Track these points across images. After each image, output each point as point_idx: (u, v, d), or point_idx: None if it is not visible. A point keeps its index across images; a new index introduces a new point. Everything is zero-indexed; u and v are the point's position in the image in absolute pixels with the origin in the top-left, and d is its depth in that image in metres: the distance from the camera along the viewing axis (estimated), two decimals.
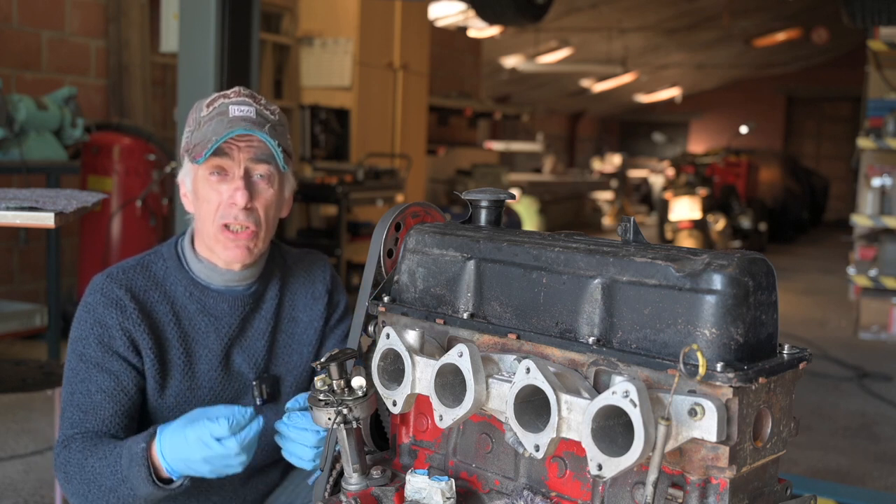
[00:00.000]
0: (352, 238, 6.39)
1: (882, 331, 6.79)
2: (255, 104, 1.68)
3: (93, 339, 1.66)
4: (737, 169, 11.75)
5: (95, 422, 1.64)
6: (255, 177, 1.68)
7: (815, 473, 3.81)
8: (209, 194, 1.67)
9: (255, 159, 1.66)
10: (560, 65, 13.61)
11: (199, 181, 1.68)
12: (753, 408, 0.97)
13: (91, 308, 1.68)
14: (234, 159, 1.65)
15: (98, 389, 1.65)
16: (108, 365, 1.65)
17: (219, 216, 1.66)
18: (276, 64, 7.04)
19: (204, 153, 1.62)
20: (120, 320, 1.66)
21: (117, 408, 1.66)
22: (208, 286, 1.74)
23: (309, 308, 1.86)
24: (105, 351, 1.66)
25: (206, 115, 1.67)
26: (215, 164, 1.65)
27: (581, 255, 1.09)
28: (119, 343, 1.66)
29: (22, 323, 4.84)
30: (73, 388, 1.66)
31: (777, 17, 13.12)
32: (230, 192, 1.65)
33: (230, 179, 1.66)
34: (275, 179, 1.70)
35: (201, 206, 1.69)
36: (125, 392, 1.66)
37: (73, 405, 1.65)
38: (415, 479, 1.16)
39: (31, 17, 5.47)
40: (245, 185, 1.65)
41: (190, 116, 1.72)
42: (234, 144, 1.64)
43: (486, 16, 4.79)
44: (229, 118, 1.64)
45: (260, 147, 1.66)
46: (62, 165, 4.70)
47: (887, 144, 6.47)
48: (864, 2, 3.81)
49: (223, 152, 1.64)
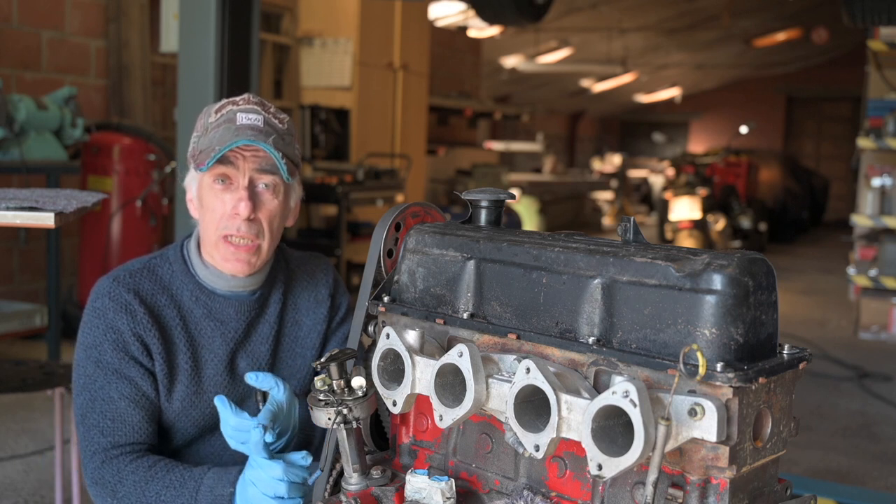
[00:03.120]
0: (352, 238, 6.39)
1: (882, 331, 6.79)
2: (264, 112, 1.67)
3: (108, 346, 1.65)
4: (737, 169, 11.75)
5: (126, 430, 1.64)
6: (260, 187, 1.66)
7: (815, 473, 3.82)
8: (213, 203, 1.66)
9: (259, 169, 1.65)
10: (560, 65, 13.62)
11: (203, 188, 1.68)
12: (753, 408, 0.97)
13: (101, 313, 1.67)
14: (239, 169, 1.64)
15: (120, 396, 1.64)
16: (126, 371, 1.65)
17: (221, 227, 1.66)
18: (276, 64, 7.04)
19: (207, 162, 1.61)
20: (131, 325, 1.66)
21: (143, 414, 1.66)
22: (214, 291, 1.73)
23: (312, 311, 1.86)
24: (122, 357, 1.65)
25: (214, 121, 1.66)
26: (220, 173, 1.64)
27: (581, 255, 1.09)
28: (133, 348, 1.65)
29: (22, 323, 4.84)
30: (93, 395, 1.65)
31: (777, 17, 13.12)
32: (233, 203, 1.64)
33: (234, 189, 1.65)
34: (280, 190, 1.68)
35: (205, 213, 1.68)
36: (146, 397, 1.66)
37: (98, 412, 1.64)
38: (415, 479, 1.16)
39: (31, 17, 5.47)
40: (249, 196, 1.63)
41: (198, 121, 1.71)
42: (240, 154, 1.63)
43: (486, 16, 4.79)
44: (236, 126, 1.63)
45: (265, 157, 1.64)
46: (62, 165, 4.70)
47: (887, 144, 6.47)
48: (864, 2, 3.81)
49: (228, 161, 1.63)
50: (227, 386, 1.74)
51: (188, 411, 1.71)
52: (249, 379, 1.55)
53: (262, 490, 1.46)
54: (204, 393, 1.72)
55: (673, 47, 14.68)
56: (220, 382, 1.73)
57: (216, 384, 1.73)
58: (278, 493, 1.45)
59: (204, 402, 1.72)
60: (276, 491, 1.45)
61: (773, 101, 19.27)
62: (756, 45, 14.70)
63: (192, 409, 1.71)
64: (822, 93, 18.77)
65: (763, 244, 11.39)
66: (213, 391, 1.72)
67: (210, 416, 1.71)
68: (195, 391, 1.71)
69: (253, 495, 1.47)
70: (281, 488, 1.44)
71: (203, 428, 1.74)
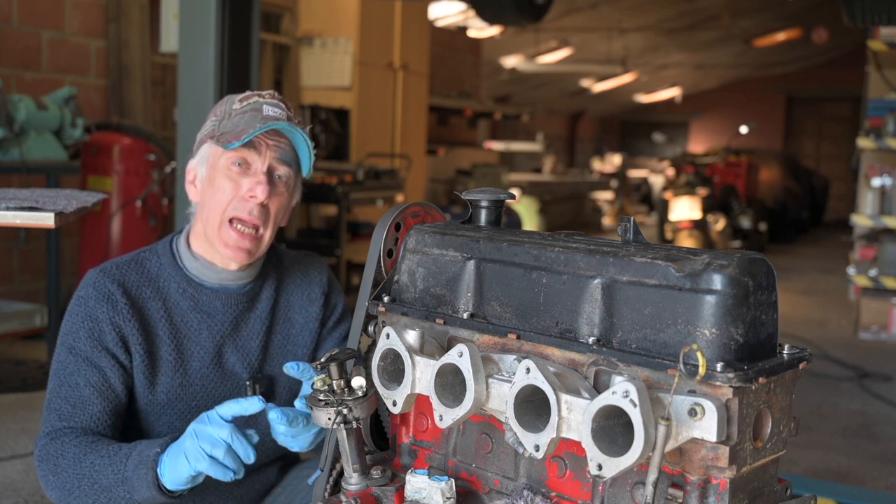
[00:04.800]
0: (352, 238, 6.39)
1: (882, 331, 6.79)
2: (287, 110, 1.72)
3: (83, 333, 1.67)
4: (737, 169, 11.75)
5: (84, 417, 1.64)
6: (276, 176, 1.70)
7: (815, 473, 3.81)
8: (225, 184, 1.68)
9: (280, 159, 1.69)
10: (560, 65, 13.62)
11: (217, 170, 1.69)
12: (753, 408, 0.97)
13: (83, 301, 1.69)
14: (262, 154, 1.67)
15: (86, 383, 1.65)
16: (96, 360, 1.66)
17: (230, 209, 1.68)
18: (276, 64, 7.04)
19: (239, 139, 1.63)
20: (110, 315, 1.67)
21: (105, 405, 1.66)
22: (202, 283, 1.75)
23: (304, 309, 1.86)
24: (95, 345, 1.66)
25: (240, 108, 1.69)
26: (241, 156, 1.67)
27: (581, 255, 1.09)
28: (108, 338, 1.66)
29: (22, 323, 4.84)
30: (62, 381, 1.66)
31: (777, 17, 13.12)
32: (251, 185, 1.67)
33: (252, 174, 1.68)
34: (291, 184, 1.73)
35: (214, 194, 1.69)
36: (112, 389, 1.67)
37: (61, 397, 1.65)
38: (415, 479, 1.16)
39: (31, 17, 5.47)
40: (267, 181, 1.67)
41: (218, 107, 1.74)
42: (264, 141, 1.67)
43: (486, 16, 4.79)
44: (263, 115, 1.66)
45: (286, 149, 1.69)
46: (62, 165, 4.70)
47: (887, 144, 6.47)
48: (864, 2, 3.81)
49: (252, 145, 1.66)
50: (214, 380, 1.74)
51: (174, 403, 1.71)
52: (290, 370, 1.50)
53: (200, 443, 1.43)
54: (190, 386, 1.72)
55: (673, 47, 14.68)
56: (207, 376, 1.74)
57: (203, 377, 1.73)
58: (215, 452, 1.42)
59: (190, 395, 1.72)
60: (214, 449, 1.42)
61: (773, 101, 19.27)
62: (756, 45, 14.70)
63: (177, 402, 1.72)
64: (822, 93, 18.77)
65: (763, 244, 11.39)
66: (199, 384, 1.73)
67: (196, 410, 1.70)
68: (180, 383, 1.72)
69: (189, 446, 1.44)
70: (220, 450, 1.42)
71: (189, 421, 1.74)
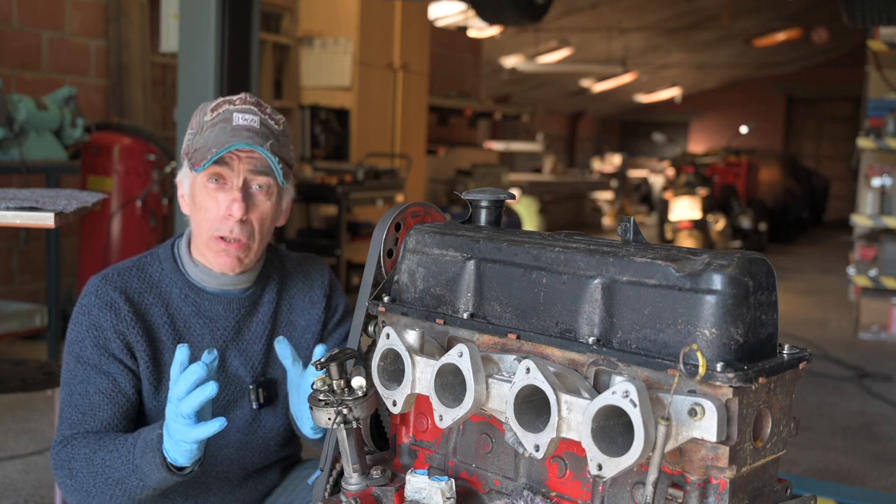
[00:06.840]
0: (352, 238, 6.39)
1: (882, 331, 6.79)
2: (261, 113, 1.68)
3: (89, 342, 1.67)
4: (737, 169, 11.74)
5: (94, 423, 1.64)
6: (254, 188, 1.68)
7: (815, 473, 3.82)
8: (206, 202, 1.67)
9: (254, 171, 1.66)
10: (560, 65, 13.61)
11: (196, 186, 1.68)
12: (753, 408, 0.97)
13: (86, 310, 1.69)
14: (234, 169, 1.65)
15: (96, 391, 1.65)
16: (104, 367, 1.66)
17: (213, 228, 1.67)
18: (276, 64, 7.04)
19: (203, 163, 1.62)
20: (114, 322, 1.67)
21: (116, 409, 1.66)
22: (203, 289, 1.75)
23: (307, 312, 1.86)
24: (101, 353, 1.66)
25: (210, 120, 1.67)
26: (214, 172, 1.65)
27: (581, 255, 1.09)
28: (114, 345, 1.66)
29: (22, 323, 4.85)
30: (72, 390, 1.66)
31: (777, 17, 13.12)
32: (227, 203, 1.65)
33: (228, 189, 1.66)
34: (273, 191, 1.70)
35: (198, 212, 1.69)
36: (122, 394, 1.67)
37: (72, 406, 1.65)
38: (415, 479, 1.16)
39: (31, 17, 5.47)
40: (242, 197, 1.65)
41: (193, 118, 1.72)
42: (235, 155, 1.64)
43: (486, 16, 4.79)
44: (233, 126, 1.64)
45: (260, 159, 1.65)
46: (62, 165, 4.70)
47: (887, 144, 6.47)
48: (864, 2, 3.81)
49: (223, 162, 1.64)
50: (218, 384, 1.74)
51: None
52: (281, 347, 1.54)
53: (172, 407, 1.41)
54: None
55: (673, 47, 14.68)
56: None
57: None
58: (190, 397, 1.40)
59: None
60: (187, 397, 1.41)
61: (773, 101, 19.27)
62: (756, 45, 14.70)
63: None
64: (822, 93, 18.76)
65: (763, 244, 11.39)
66: None
67: None
68: None
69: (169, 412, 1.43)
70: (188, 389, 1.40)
71: None
